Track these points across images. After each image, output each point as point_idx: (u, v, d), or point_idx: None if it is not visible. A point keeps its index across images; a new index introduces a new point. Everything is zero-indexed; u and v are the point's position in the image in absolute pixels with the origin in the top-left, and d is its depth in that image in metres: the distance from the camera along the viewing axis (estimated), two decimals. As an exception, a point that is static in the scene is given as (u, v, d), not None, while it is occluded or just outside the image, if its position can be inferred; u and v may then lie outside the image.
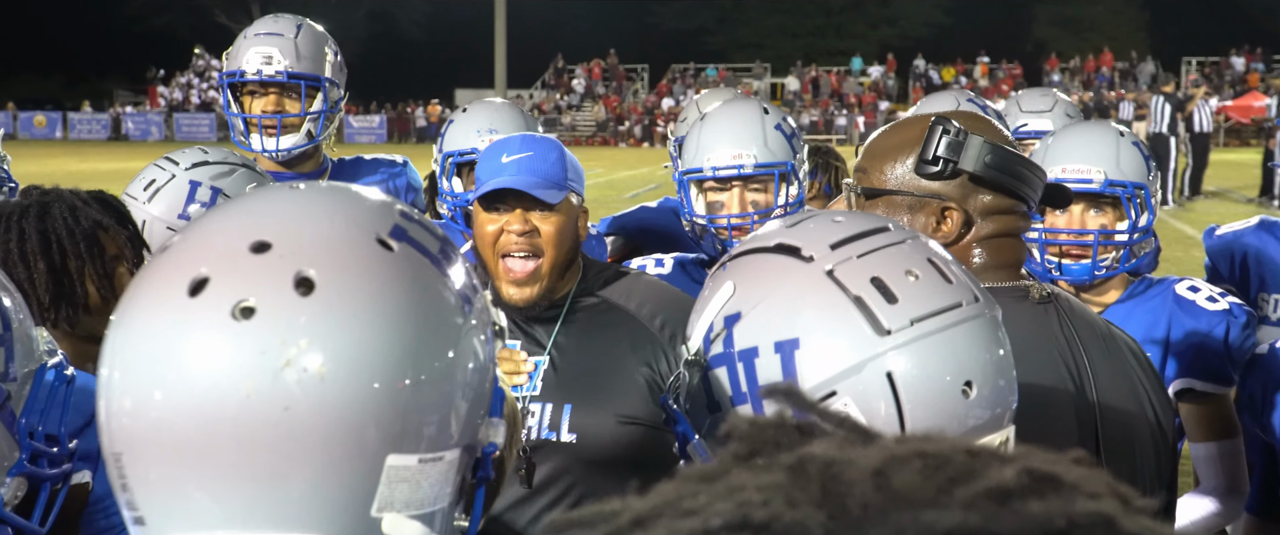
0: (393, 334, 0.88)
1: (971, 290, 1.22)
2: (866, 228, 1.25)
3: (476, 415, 0.96)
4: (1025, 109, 3.92)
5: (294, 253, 0.88)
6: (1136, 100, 26.96)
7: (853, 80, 45.28)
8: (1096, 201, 2.55)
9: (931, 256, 1.23)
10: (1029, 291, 1.68)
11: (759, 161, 2.66)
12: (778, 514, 0.44)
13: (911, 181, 1.68)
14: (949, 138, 1.65)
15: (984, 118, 1.74)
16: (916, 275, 1.20)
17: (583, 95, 45.81)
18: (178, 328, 0.86)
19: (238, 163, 2.45)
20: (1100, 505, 0.45)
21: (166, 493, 0.87)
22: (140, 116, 43.08)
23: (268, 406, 0.85)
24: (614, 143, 41.13)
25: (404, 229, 0.94)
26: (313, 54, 3.14)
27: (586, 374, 2.17)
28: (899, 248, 1.23)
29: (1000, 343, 1.23)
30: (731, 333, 1.23)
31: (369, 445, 0.87)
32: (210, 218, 0.93)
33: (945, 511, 0.44)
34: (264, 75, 3.08)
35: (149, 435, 0.87)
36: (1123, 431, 1.65)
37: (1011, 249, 1.69)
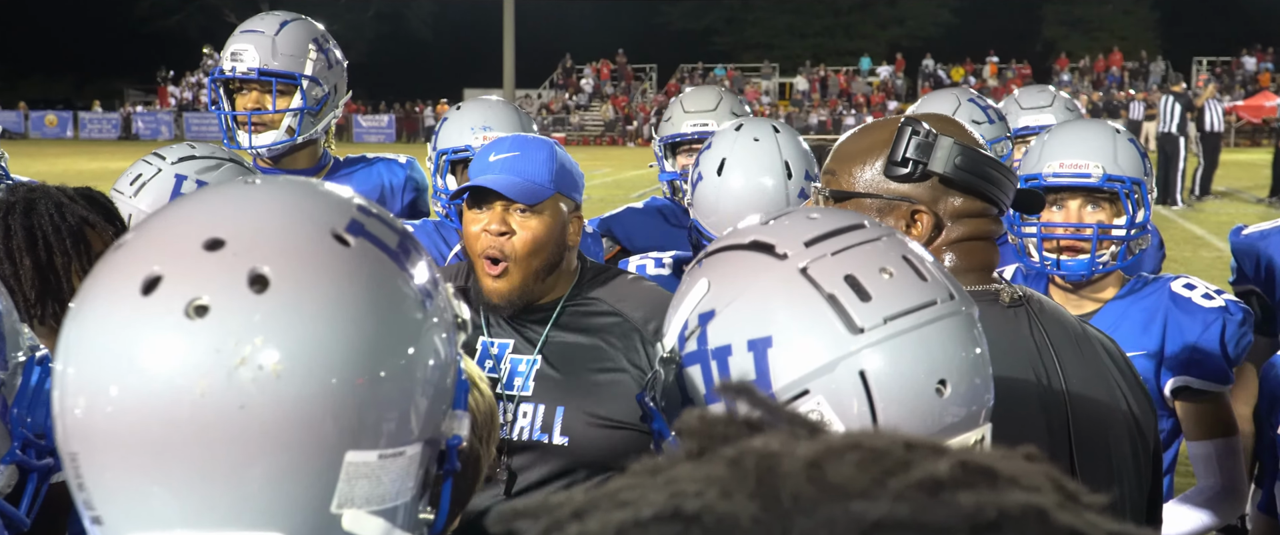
0: (349, 330, 0.87)
1: (947, 288, 1.22)
2: (841, 225, 1.24)
3: (438, 409, 0.95)
4: (1025, 106, 3.92)
5: (248, 249, 0.87)
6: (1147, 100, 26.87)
7: (861, 80, 45.20)
8: (1093, 197, 2.53)
9: (907, 254, 1.23)
10: (999, 295, 1.66)
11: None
12: (710, 505, 0.45)
13: (881, 184, 1.65)
14: (918, 139, 1.63)
15: (954, 121, 1.73)
16: (891, 272, 1.20)
17: (591, 95, 45.82)
18: (131, 327, 0.85)
19: (225, 158, 2.44)
20: (1032, 498, 0.45)
21: (123, 492, 0.87)
22: (150, 116, 43.22)
23: (223, 405, 0.84)
24: (622, 142, 41.13)
25: (361, 224, 0.92)
26: (293, 51, 3.13)
27: (579, 376, 2.16)
28: (874, 245, 1.22)
29: (976, 340, 1.22)
30: (705, 330, 1.22)
31: (327, 442, 0.86)
32: (163, 214, 0.92)
33: (875, 502, 0.44)
34: (237, 72, 3.09)
35: (104, 434, 0.86)
36: (1097, 434, 1.63)
37: (982, 252, 1.67)
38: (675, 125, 3.49)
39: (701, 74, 45.67)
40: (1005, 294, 1.66)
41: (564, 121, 42.08)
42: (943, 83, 42.23)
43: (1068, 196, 2.53)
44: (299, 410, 0.85)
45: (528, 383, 2.18)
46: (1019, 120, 3.87)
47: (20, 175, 2.96)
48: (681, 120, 3.48)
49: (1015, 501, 0.45)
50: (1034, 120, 3.87)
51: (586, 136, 41.14)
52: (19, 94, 48.53)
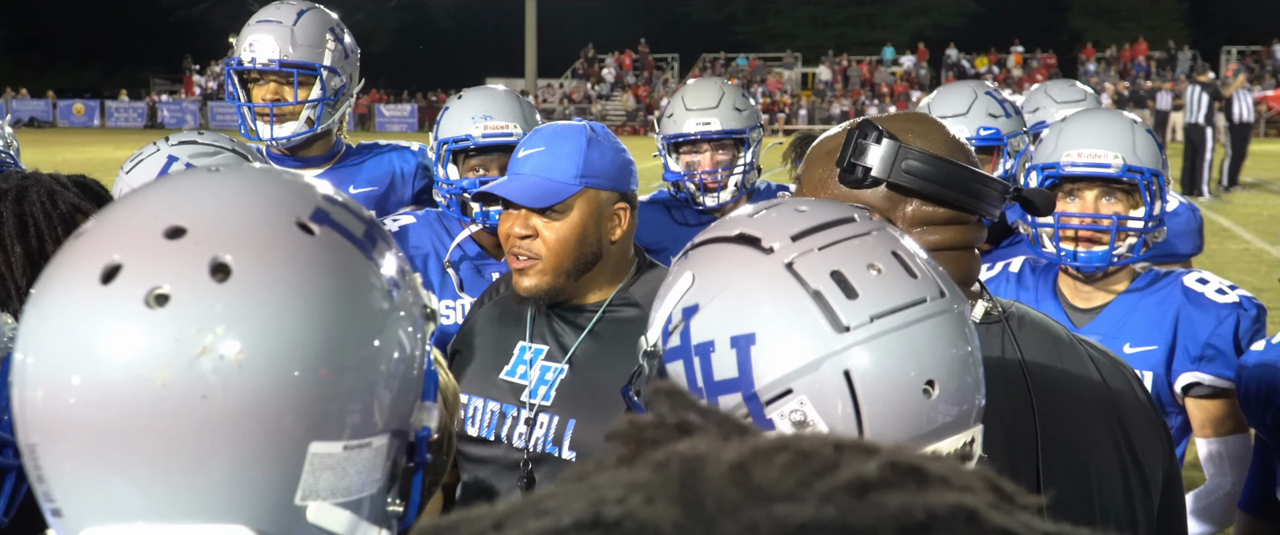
0: (313, 319, 0.85)
1: (937, 285, 1.18)
2: (830, 218, 1.21)
3: (405, 401, 0.93)
4: (1060, 100, 3.82)
5: (210, 237, 0.85)
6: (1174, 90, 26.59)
7: (884, 70, 44.97)
8: (1110, 188, 2.48)
9: (896, 249, 1.19)
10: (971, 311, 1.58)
11: (724, 128, 3.18)
12: (631, 511, 0.44)
13: (839, 190, 1.58)
14: (860, 144, 1.55)
15: (925, 119, 1.62)
16: (879, 269, 1.16)
17: (613, 84, 45.79)
18: (91, 316, 0.84)
19: (227, 147, 2.41)
20: (964, 498, 0.44)
21: (83, 483, 0.85)
22: (176, 105, 43.50)
23: (184, 395, 0.83)
24: (643, 132, 41.10)
25: (326, 212, 0.91)
26: (311, 41, 3.11)
27: (596, 390, 2.08)
28: (863, 240, 1.19)
29: (966, 340, 1.18)
30: (688, 325, 1.19)
31: (290, 433, 0.85)
32: (125, 202, 0.91)
33: (800, 505, 0.43)
34: (258, 63, 3.06)
35: (63, 425, 0.85)
36: (1070, 457, 1.55)
37: (956, 262, 1.56)
38: (678, 124, 3.37)
39: (724, 63, 45.57)
40: (976, 310, 1.58)
41: (586, 111, 42.05)
42: (966, 73, 41.96)
43: (1084, 187, 2.48)
44: (261, 400, 0.84)
45: (550, 392, 2.13)
46: (1054, 114, 3.75)
47: (46, 163, 2.96)
48: (684, 118, 3.37)
49: (945, 502, 0.44)
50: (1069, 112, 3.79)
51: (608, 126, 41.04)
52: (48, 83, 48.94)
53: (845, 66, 45.17)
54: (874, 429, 1.12)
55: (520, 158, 2.15)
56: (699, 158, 3.35)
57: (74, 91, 47.93)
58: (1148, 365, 2.44)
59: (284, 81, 3.08)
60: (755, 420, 1.14)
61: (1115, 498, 1.59)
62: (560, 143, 2.12)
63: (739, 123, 3.34)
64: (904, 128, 1.59)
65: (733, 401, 1.15)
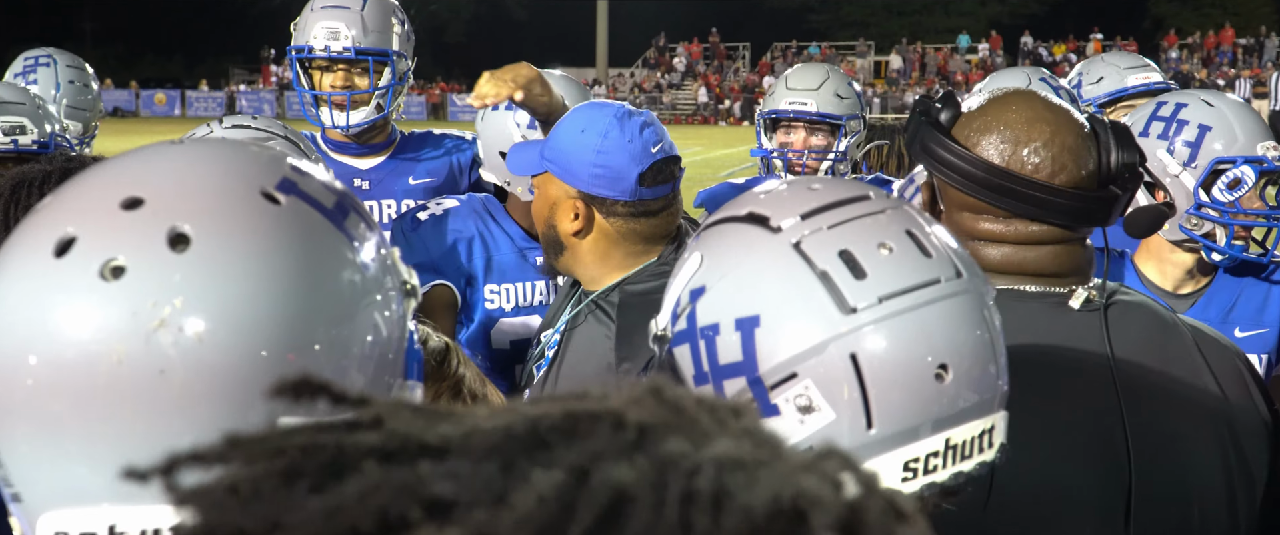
0: (277, 291, 0.81)
1: (953, 264, 1.12)
2: (843, 196, 1.16)
3: (382, 379, 0.89)
4: (1125, 66, 3.73)
5: (168, 208, 0.81)
6: (1258, 77, 25.78)
7: (959, 58, 44.24)
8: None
9: (911, 227, 1.13)
10: (1068, 297, 1.51)
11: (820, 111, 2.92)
12: None
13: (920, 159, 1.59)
14: (920, 112, 1.53)
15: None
16: (890, 248, 1.11)
17: (683, 74, 45.67)
18: (44, 292, 0.80)
19: (280, 133, 2.41)
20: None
21: (41, 467, 0.82)
22: (254, 94, 44.36)
23: (142, 370, 0.79)
24: (713, 122, 40.95)
25: (294, 182, 0.86)
26: (380, 26, 3.09)
27: (549, 385, 2.12)
28: (875, 218, 1.13)
29: (985, 322, 1.12)
30: (695, 308, 1.16)
31: (255, 409, 0.81)
32: (83, 176, 0.87)
33: None
34: (332, 51, 3.02)
35: (19, 405, 0.81)
36: (1171, 467, 1.47)
37: (1003, 258, 1.53)
38: (775, 102, 3.40)
39: (795, 52, 45.20)
40: (1076, 297, 1.51)
41: (657, 100, 42.03)
42: (1043, 61, 41.10)
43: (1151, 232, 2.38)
44: (223, 375, 0.80)
45: (544, 363, 2.17)
46: (1126, 80, 3.63)
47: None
48: (783, 97, 3.38)
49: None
50: (1143, 78, 3.63)
51: (678, 115, 41.01)
52: (133, 74, 50.22)
53: (920, 54, 44.53)
54: (883, 414, 1.08)
55: None
56: (792, 138, 3.35)
57: (157, 82, 49.13)
58: (1263, 348, 2.39)
59: (355, 68, 3.06)
60: (760, 405, 1.10)
61: (1219, 515, 1.51)
62: (563, 119, 2.11)
63: (837, 108, 3.32)
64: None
65: (737, 386, 1.11)
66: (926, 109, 1.55)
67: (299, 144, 2.43)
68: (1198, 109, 2.41)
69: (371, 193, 3.16)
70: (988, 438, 1.13)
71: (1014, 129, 1.51)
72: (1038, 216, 1.52)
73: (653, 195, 2.05)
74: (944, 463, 1.10)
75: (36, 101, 2.99)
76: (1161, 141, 2.39)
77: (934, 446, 1.10)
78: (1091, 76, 3.72)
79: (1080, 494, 1.45)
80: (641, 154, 2.03)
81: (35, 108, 2.94)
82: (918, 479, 1.10)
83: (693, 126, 38.13)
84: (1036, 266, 1.53)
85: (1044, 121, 1.52)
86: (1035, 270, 1.53)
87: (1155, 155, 2.38)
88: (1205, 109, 2.41)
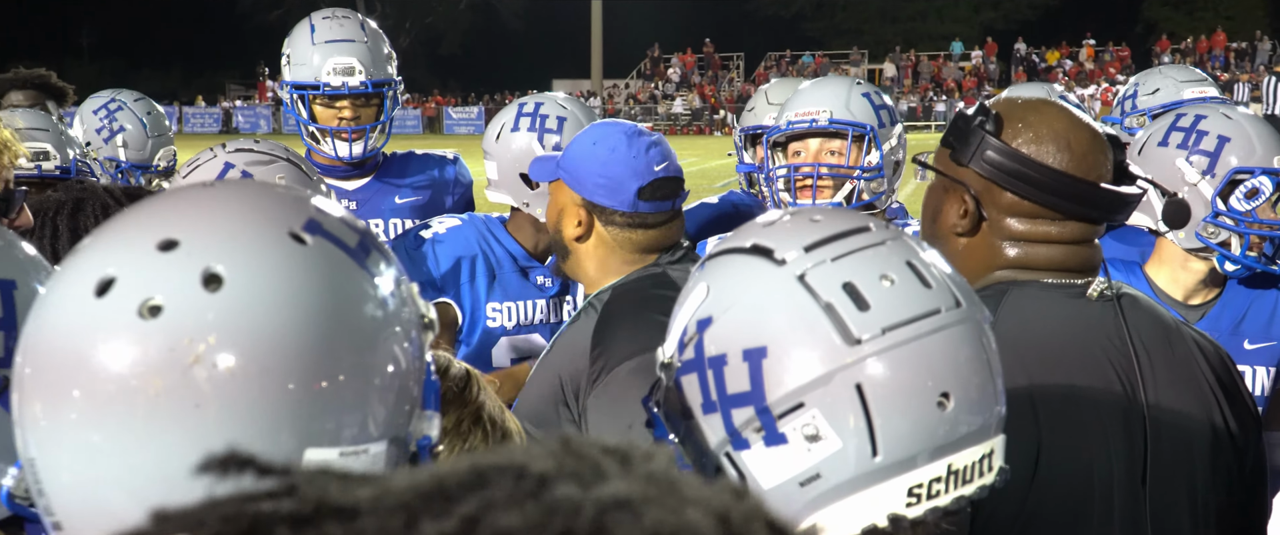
0: (306, 328, 0.86)
1: (952, 294, 1.17)
2: (844, 228, 1.20)
3: (402, 409, 0.93)
4: (1182, 79, 3.70)
5: (202, 249, 0.86)
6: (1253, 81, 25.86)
7: (953, 65, 44.35)
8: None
9: (911, 259, 1.18)
10: (1087, 289, 1.61)
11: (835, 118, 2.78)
12: None
13: (948, 165, 1.66)
14: (963, 122, 1.61)
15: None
16: (892, 279, 1.15)
17: (678, 84, 45.77)
18: (86, 328, 0.85)
19: (282, 155, 2.42)
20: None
21: (82, 496, 0.86)
22: (250, 109, 44.44)
23: (178, 404, 0.84)
24: (708, 131, 41.01)
25: (318, 222, 0.91)
26: (383, 55, 3.11)
27: (536, 371, 2.24)
28: (876, 250, 1.17)
29: (983, 350, 1.16)
30: (702, 338, 1.19)
31: (284, 441, 0.85)
32: (121, 218, 0.92)
33: None
34: (349, 87, 3.00)
35: (61, 438, 0.86)
36: (1178, 444, 1.58)
37: (1043, 255, 1.63)
38: (758, 116, 3.39)
39: (789, 61, 45.31)
40: (1094, 289, 1.61)
41: (651, 111, 42.11)
42: (1037, 67, 41.21)
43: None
44: (255, 409, 0.84)
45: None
46: (1182, 93, 3.62)
47: None
48: (765, 112, 3.36)
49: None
50: (1198, 91, 3.63)
51: (673, 125, 41.09)
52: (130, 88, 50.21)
53: (914, 62, 44.63)
54: (887, 442, 1.11)
55: None
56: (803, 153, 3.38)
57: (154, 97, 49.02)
58: (1271, 361, 2.42)
59: (360, 100, 3.06)
60: (768, 433, 1.14)
61: (1219, 492, 1.61)
62: (581, 134, 2.25)
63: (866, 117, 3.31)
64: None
65: (746, 415, 1.15)
66: (982, 121, 1.61)
67: (301, 166, 2.45)
68: (1217, 121, 2.45)
69: (358, 213, 3.16)
70: (988, 462, 1.16)
71: (1064, 137, 1.61)
72: (1095, 218, 1.62)
73: (651, 209, 2.17)
74: (946, 488, 1.14)
75: (59, 128, 3.01)
76: (1181, 151, 2.43)
77: (937, 472, 1.14)
78: (1147, 87, 3.74)
79: (1112, 462, 1.55)
80: (644, 170, 2.16)
81: (58, 134, 2.96)
82: (921, 504, 1.14)
83: (688, 136, 38.19)
84: (1078, 263, 1.64)
85: (1082, 127, 1.63)
86: (1077, 266, 1.64)
87: (1174, 164, 2.42)
88: (1224, 121, 2.45)
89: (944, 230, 1.67)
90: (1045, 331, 1.59)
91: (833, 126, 2.75)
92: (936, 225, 1.69)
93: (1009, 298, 1.60)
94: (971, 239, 1.65)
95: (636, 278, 2.19)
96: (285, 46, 3.20)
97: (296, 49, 3.14)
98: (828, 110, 2.77)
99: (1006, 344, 1.53)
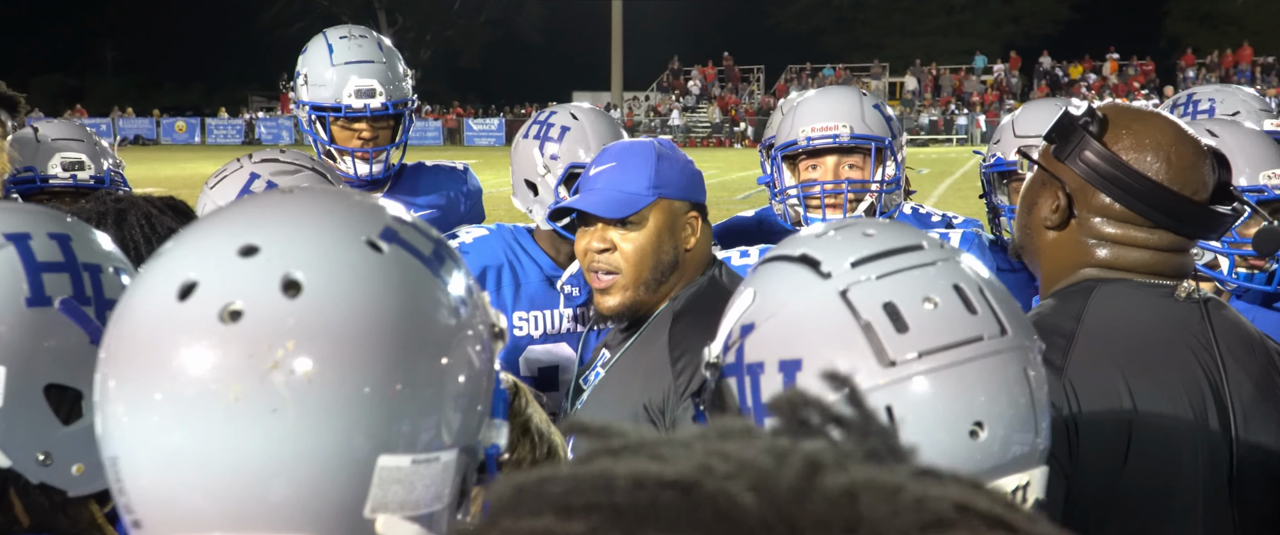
0: (382, 335, 0.87)
1: (998, 322, 1.14)
2: (895, 245, 1.18)
3: (473, 418, 0.95)
4: (1259, 108, 3.62)
5: (282, 255, 0.88)
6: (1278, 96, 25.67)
7: (975, 78, 44.26)
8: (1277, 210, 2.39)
9: (959, 282, 1.16)
10: (1175, 290, 1.63)
11: (856, 133, 2.75)
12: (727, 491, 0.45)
13: (1049, 159, 1.68)
14: (1068, 120, 1.64)
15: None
16: (935, 302, 1.13)
17: (698, 96, 45.83)
18: (168, 332, 0.87)
19: (308, 165, 2.44)
20: None
21: (161, 495, 0.88)
22: (272, 121, 44.76)
23: (257, 408, 0.85)
24: (729, 144, 41.02)
25: (395, 231, 0.93)
26: (401, 72, 3.11)
27: (603, 395, 2.16)
28: (924, 271, 1.16)
29: (1025, 380, 1.14)
30: (743, 344, 1.20)
31: (359, 446, 0.87)
32: (202, 223, 0.94)
33: None
34: (371, 109, 2.99)
35: (143, 439, 0.87)
36: (1259, 439, 1.61)
37: (1132, 258, 1.64)
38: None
39: (810, 74, 45.31)
40: (1182, 290, 1.63)
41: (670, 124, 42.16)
42: (1059, 81, 41.08)
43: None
44: (331, 414, 0.86)
45: (586, 396, 2.20)
46: (1264, 123, 3.60)
47: (148, 179, 3.01)
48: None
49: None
50: (1276, 124, 3.53)
51: (692, 138, 41.13)
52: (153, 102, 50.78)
53: (935, 76, 44.56)
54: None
55: (592, 174, 2.20)
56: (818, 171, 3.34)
57: (177, 110, 49.66)
58: None
59: (382, 122, 3.05)
60: None
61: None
62: (629, 157, 2.18)
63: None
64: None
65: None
66: (1088, 122, 1.63)
67: (327, 176, 2.47)
68: (1202, 139, 2.43)
69: None
70: (1022, 494, 1.14)
71: (1166, 149, 1.62)
72: (1187, 233, 1.64)
73: None
74: None
75: (93, 138, 3.01)
76: None
77: None
78: (1226, 108, 3.69)
79: (1198, 452, 1.56)
80: None
81: (92, 144, 2.97)
82: None
83: (708, 149, 38.21)
84: (1168, 269, 1.65)
85: (1187, 142, 1.63)
86: (1167, 272, 1.65)
87: None
88: (1209, 139, 2.42)
89: (1035, 223, 1.70)
90: (1132, 325, 1.61)
91: (855, 142, 2.74)
92: (1030, 217, 1.72)
93: (1097, 293, 1.62)
94: (1060, 234, 1.67)
95: (696, 289, 2.19)
96: (300, 65, 3.17)
97: (313, 68, 3.11)
98: (847, 125, 2.75)
99: (1095, 336, 1.58)
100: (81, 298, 1.16)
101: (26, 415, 1.12)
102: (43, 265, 1.15)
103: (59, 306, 1.15)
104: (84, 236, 1.22)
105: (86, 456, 1.13)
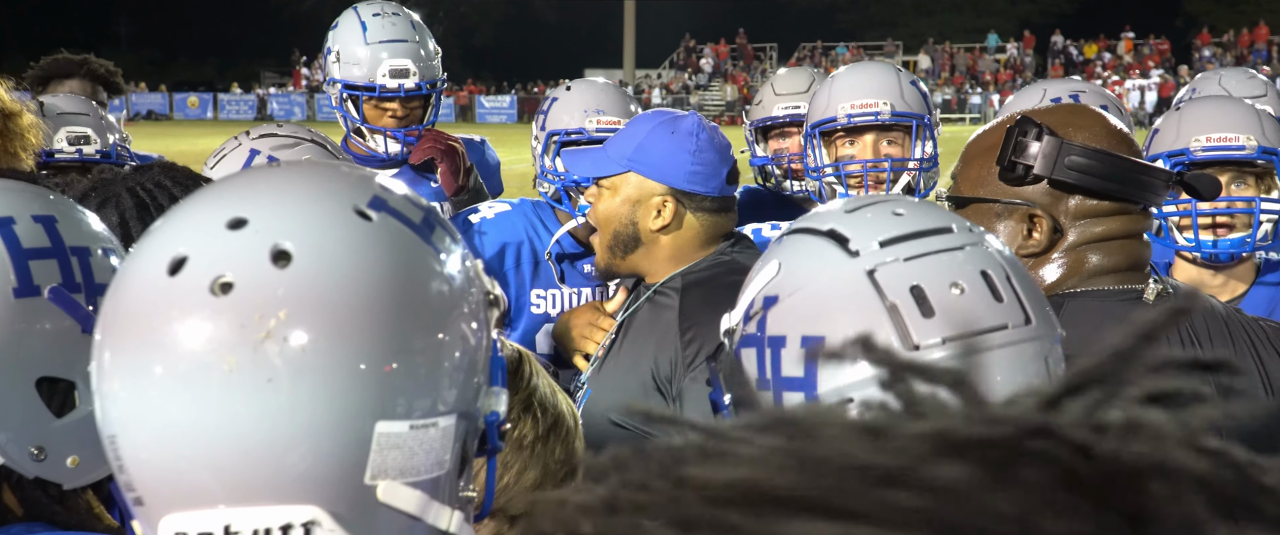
0: (373, 302, 0.88)
1: (1023, 311, 1.14)
2: (925, 227, 1.17)
3: (471, 384, 0.94)
4: (1238, 93, 3.69)
5: (270, 226, 0.88)
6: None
7: (989, 57, 43.95)
8: (1240, 172, 2.40)
9: (988, 268, 1.15)
10: (1142, 294, 1.60)
11: (896, 110, 2.72)
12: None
13: (999, 187, 1.61)
14: (1023, 140, 1.58)
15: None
16: (962, 288, 1.13)
17: (711, 74, 45.65)
18: (161, 308, 0.87)
19: (306, 138, 2.41)
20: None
21: (162, 471, 0.88)
22: (284, 97, 44.69)
23: (251, 379, 0.85)
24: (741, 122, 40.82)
25: (383, 200, 0.93)
26: (433, 51, 3.11)
27: (612, 365, 2.18)
28: (953, 255, 1.15)
29: (1046, 371, 1.14)
30: (766, 315, 1.19)
31: (355, 414, 0.87)
32: (191, 199, 0.95)
33: None
34: (405, 89, 3.00)
35: (140, 414, 0.88)
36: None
37: (1125, 251, 1.61)
38: (766, 108, 3.36)
39: (823, 52, 45.07)
40: (1149, 292, 1.60)
41: (683, 102, 42.01)
42: (1073, 60, 40.77)
43: (1215, 172, 2.37)
44: (326, 382, 0.86)
45: (592, 365, 2.23)
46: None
47: (160, 153, 3.04)
48: (773, 103, 3.34)
49: None
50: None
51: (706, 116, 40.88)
52: (166, 77, 50.81)
53: (949, 54, 44.27)
54: None
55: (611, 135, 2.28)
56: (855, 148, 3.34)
57: (190, 85, 49.64)
58: None
59: (415, 102, 3.06)
60: None
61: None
62: (634, 124, 2.21)
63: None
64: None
65: (796, 400, 1.15)
66: (1038, 131, 1.58)
67: (326, 147, 2.46)
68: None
69: None
70: None
71: (1113, 129, 1.61)
72: (1150, 201, 1.62)
73: (733, 191, 2.21)
74: None
75: (99, 113, 3.03)
76: None
77: None
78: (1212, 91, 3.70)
79: None
80: (726, 153, 2.20)
81: (98, 119, 2.98)
82: None
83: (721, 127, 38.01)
84: (1143, 260, 1.62)
85: (1101, 118, 1.63)
86: (1143, 264, 1.62)
87: None
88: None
89: None
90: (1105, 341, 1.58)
91: (895, 119, 2.71)
92: None
93: (1065, 310, 1.56)
94: (1050, 255, 1.61)
95: (709, 264, 2.18)
96: (331, 41, 3.14)
97: (346, 46, 3.10)
98: (888, 102, 2.72)
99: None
100: (71, 284, 1.14)
101: (19, 410, 1.11)
102: (29, 252, 1.13)
103: (48, 295, 1.13)
104: (70, 216, 1.19)
105: (81, 449, 1.13)
